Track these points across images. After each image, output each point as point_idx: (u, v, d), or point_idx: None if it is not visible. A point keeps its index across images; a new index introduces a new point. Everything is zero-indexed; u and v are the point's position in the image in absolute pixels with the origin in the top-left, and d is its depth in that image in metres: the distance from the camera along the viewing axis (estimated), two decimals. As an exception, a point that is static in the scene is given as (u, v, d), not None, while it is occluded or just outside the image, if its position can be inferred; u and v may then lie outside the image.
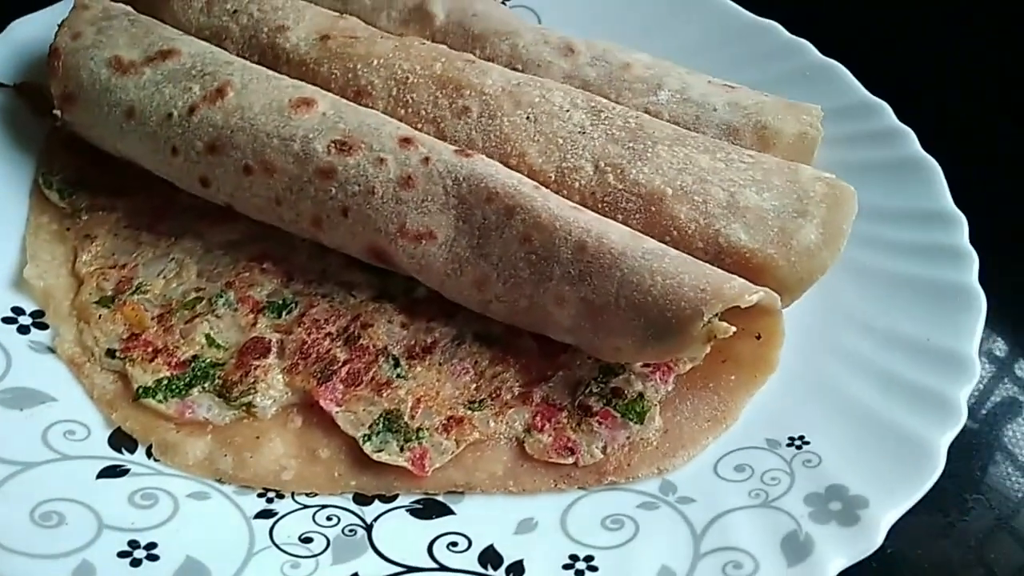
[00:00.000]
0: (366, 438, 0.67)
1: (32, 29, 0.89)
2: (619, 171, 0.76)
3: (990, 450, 0.80)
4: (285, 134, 0.73)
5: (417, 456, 0.67)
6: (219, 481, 0.66)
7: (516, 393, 0.71)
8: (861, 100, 0.93)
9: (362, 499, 0.66)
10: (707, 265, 0.67)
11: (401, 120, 0.79)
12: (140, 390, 0.69)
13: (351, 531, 0.64)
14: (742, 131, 0.85)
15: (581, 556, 0.63)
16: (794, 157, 0.84)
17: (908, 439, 0.67)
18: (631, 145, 0.78)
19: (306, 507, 0.65)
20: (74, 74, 0.79)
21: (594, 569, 0.62)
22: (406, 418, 0.69)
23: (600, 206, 0.76)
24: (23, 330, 0.73)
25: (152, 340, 0.72)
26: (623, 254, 0.65)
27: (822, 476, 0.66)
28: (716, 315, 0.65)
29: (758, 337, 0.73)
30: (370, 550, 0.63)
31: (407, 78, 0.82)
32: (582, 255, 0.66)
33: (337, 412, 0.69)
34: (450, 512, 0.66)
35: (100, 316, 0.73)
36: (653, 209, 0.75)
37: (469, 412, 0.69)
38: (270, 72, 0.79)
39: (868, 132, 0.91)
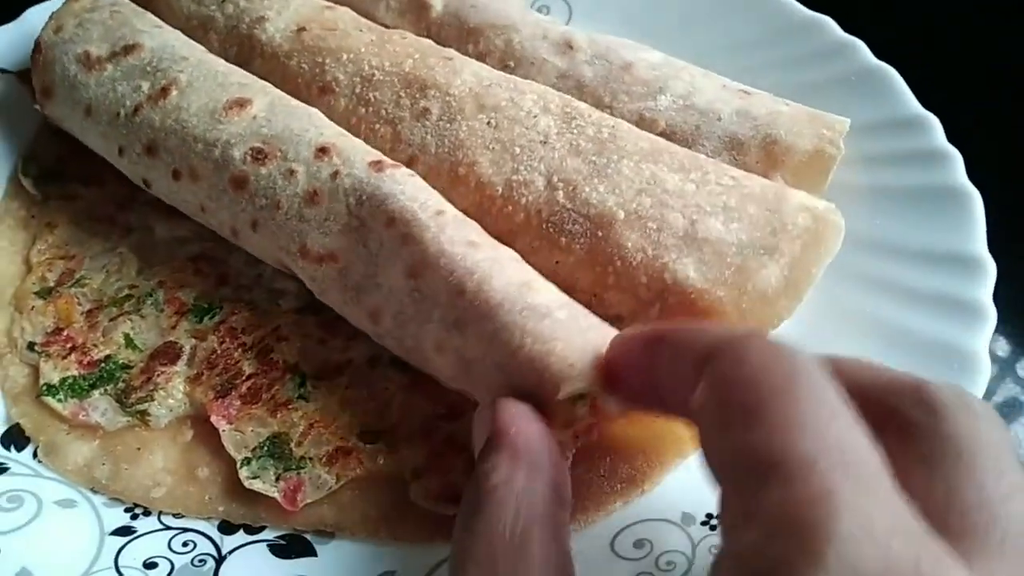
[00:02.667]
0: (246, 461, 0.63)
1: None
2: (571, 188, 0.68)
3: None
4: (210, 139, 0.70)
5: (291, 488, 0.62)
6: (92, 490, 0.64)
7: (418, 427, 0.64)
8: (908, 114, 0.79)
9: (228, 527, 0.62)
10: (602, 332, 0.56)
11: (360, 120, 0.74)
12: (44, 387, 0.68)
13: (200, 561, 0.60)
14: (747, 145, 0.74)
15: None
16: (806, 178, 0.73)
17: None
18: (593, 159, 0.69)
19: (168, 528, 0.62)
20: (51, 69, 0.80)
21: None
22: (293, 444, 0.64)
23: (545, 226, 0.68)
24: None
25: (74, 336, 0.71)
26: (500, 305, 0.56)
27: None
28: (582, 396, 0.55)
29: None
30: None
31: (373, 75, 0.76)
32: (459, 300, 0.58)
33: (225, 430, 0.65)
34: (312, 553, 0.61)
35: (33, 307, 0.73)
36: (600, 234, 0.66)
37: (360, 444, 0.64)
38: (222, 69, 0.75)
39: (906, 152, 0.77)
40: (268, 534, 0.62)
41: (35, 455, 0.66)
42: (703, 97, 0.77)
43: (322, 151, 0.67)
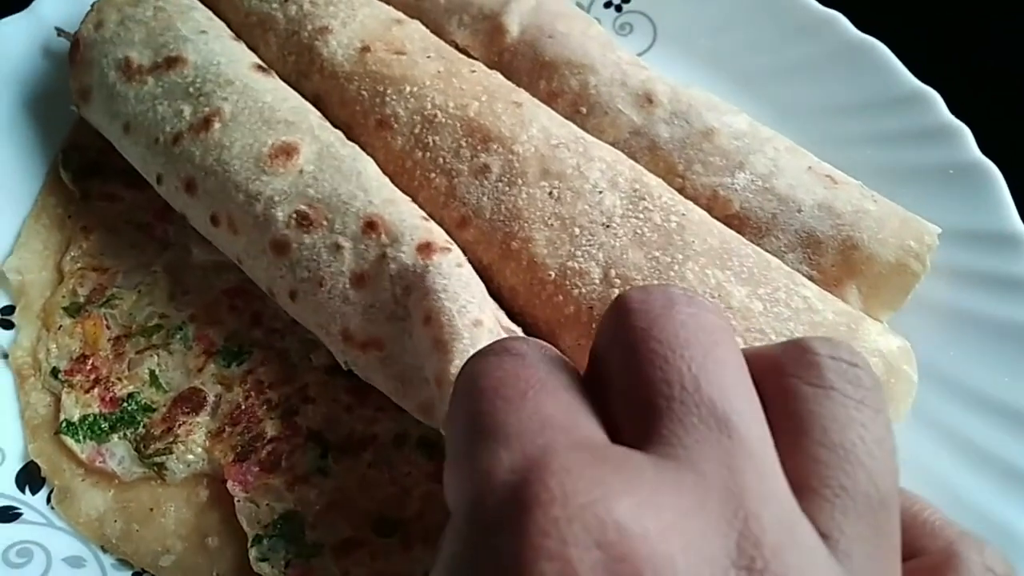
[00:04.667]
0: (257, 539, 0.62)
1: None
2: (628, 288, 0.63)
3: None
4: (252, 191, 0.65)
5: None
6: (103, 549, 0.63)
7: (436, 524, 0.62)
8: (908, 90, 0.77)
9: (234, 606, 0.61)
10: None
11: (416, 164, 0.69)
12: (64, 424, 0.67)
13: None
14: (826, 245, 0.68)
15: None
16: (884, 292, 0.67)
17: (997, 530, 0.60)
18: (657, 255, 0.63)
19: None
20: (89, 71, 0.75)
21: None
22: (307, 526, 0.62)
23: (594, 326, 0.62)
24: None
25: (99, 366, 0.69)
26: None
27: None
28: None
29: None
30: None
31: (435, 115, 0.70)
32: None
33: (240, 500, 0.63)
34: None
35: (61, 326, 0.71)
36: None
37: (373, 537, 0.62)
38: (269, 101, 0.70)
39: (914, 129, 0.74)
40: (274, 619, 0.60)
41: (48, 499, 0.65)
42: (785, 180, 0.70)
43: (370, 226, 0.62)
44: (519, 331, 0.63)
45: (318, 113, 0.72)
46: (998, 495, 0.61)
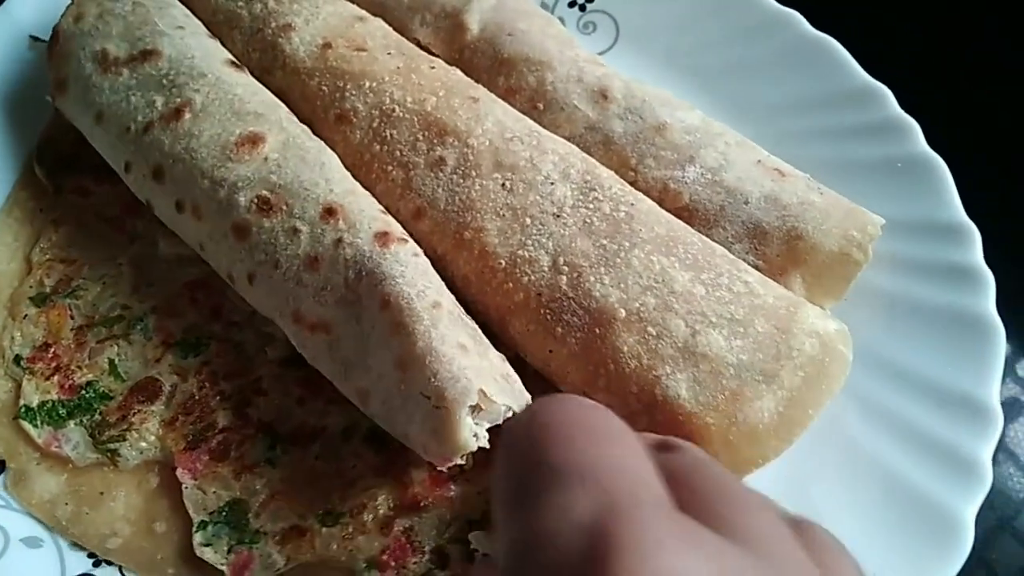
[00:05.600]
0: (202, 525, 0.63)
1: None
2: (576, 275, 0.64)
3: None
4: (217, 177, 0.67)
5: (240, 562, 0.61)
6: (52, 530, 0.64)
7: (380, 515, 0.63)
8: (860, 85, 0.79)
9: (183, 586, 0.62)
10: None
11: (374, 157, 0.71)
12: (23, 409, 0.68)
13: None
14: (771, 236, 0.69)
15: None
16: (827, 280, 0.69)
17: (934, 511, 0.62)
18: (604, 243, 0.65)
19: None
20: (67, 62, 0.77)
21: None
22: (251, 514, 0.63)
23: (543, 312, 0.64)
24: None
25: (60, 355, 0.71)
26: None
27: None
28: None
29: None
30: None
31: (393, 110, 0.72)
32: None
33: (188, 487, 0.64)
34: None
35: (27, 316, 0.73)
36: (597, 331, 0.62)
37: (317, 526, 0.63)
38: (240, 93, 0.71)
39: (866, 125, 0.76)
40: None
41: (5, 485, 0.66)
42: (734, 173, 0.72)
43: (329, 212, 0.64)
44: (478, 328, 0.63)
45: (287, 109, 0.73)
46: (939, 480, 0.63)
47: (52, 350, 0.71)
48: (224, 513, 0.63)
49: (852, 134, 0.79)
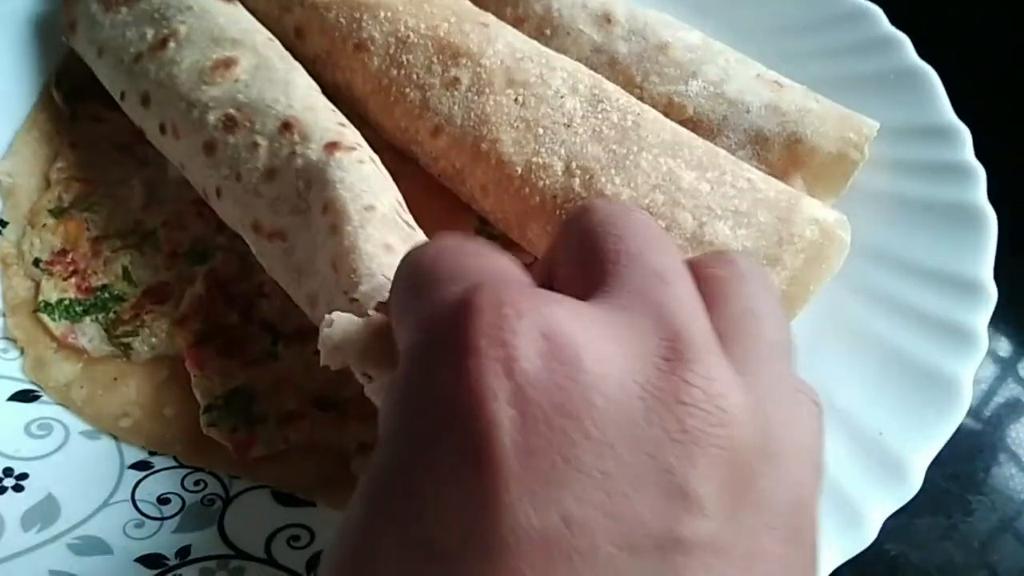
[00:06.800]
0: (208, 408, 0.65)
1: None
2: (588, 177, 0.67)
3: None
4: (192, 99, 0.70)
5: (243, 441, 0.63)
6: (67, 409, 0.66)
7: (369, 406, 0.63)
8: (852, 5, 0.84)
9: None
10: None
11: (392, 81, 0.74)
12: (42, 303, 0.71)
13: (209, 501, 0.62)
14: (772, 141, 0.72)
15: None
16: (826, 180, 0.72)
17: (931, 375, 0.64)
18: (614, 148, 0.67)
19: (182, 467, 0.64)
20: (76, 4, 0.82)
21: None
22: (254, 400, 0.65)
23: (559, 212, 0.67)
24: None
25: (77, 260, 0.73)
26: None
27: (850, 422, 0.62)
28: None
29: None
30: (214, 526, 0.61)
31: (408, 37, 0.75)
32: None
33: (196, 376, 0.67)
34: (311, 503, 0.62)
35: (45, 225, 0.76)
36: None
37: (314, 411, 0.65)
38: (222, 22, 0.75)
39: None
40: (273, 480, 0.64)
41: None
42: (734, 86, 0.75)
43: (287, 127, 0.67)
44: (419, 232, 0.65)
45: (267, 33, 0.77)
46: (936, 348, 0.65)
47: (70, 256, 0.74)
48: (229, 398, 0.65)
49: (846, 51, 0.83)
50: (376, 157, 0.67)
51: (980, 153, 0.75)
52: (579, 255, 0.39)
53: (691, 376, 0.32)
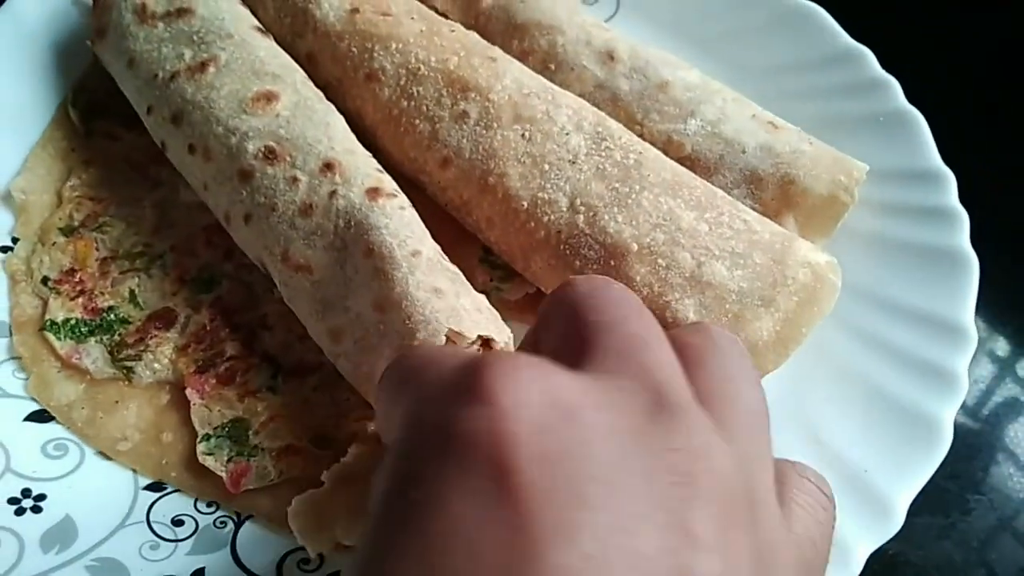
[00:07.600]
0: (206, 437, 0.67)
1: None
2: (592, 214, 0.69)
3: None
4: (231, 126, 0.72)
5: (238, 471, 0.65)
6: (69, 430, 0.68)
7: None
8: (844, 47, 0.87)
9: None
10: None
11: (402, 112, 0.76)
12: (48, 322, 0.73)
13: (222, 523, 0.64)
14: (766, 181, 0.75)
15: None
16: (817, 221, 0.75)
17: (915, 416, 0.66)
18: (616, 186, 0.69)
19: None
20: (108, 12, 0.82)
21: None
22: (251, 432, 0.67)
23: (562, 247, 0.69)
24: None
25: (85, 280, 0.75)
26: None
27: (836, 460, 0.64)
28: None
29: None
30: (227, 548, 0.63)
31: (419, 69, 0.76)
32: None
33: (196, 404, 0.68)
34: None
35: (55, 243, 0.77)
36: (612, 263, 0.67)
37: (310, 447, 0.67)
38: (262, 55, 0.77)
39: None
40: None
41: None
42: (731, 125, 0.77)
43: (328, 166, 0.69)
44: (460, 273, 0.67)
45: (304, 74, 0.79)
46: (919, 389, 0.67)
47: (78, 275, 0.75)
48: (227, 428, 0.67)
49: (837, 92, 0.86)
50: (409, 203, 0.70)
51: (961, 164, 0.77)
52: (564, 330, 0.43)
53: (677, 425, 0.36)
